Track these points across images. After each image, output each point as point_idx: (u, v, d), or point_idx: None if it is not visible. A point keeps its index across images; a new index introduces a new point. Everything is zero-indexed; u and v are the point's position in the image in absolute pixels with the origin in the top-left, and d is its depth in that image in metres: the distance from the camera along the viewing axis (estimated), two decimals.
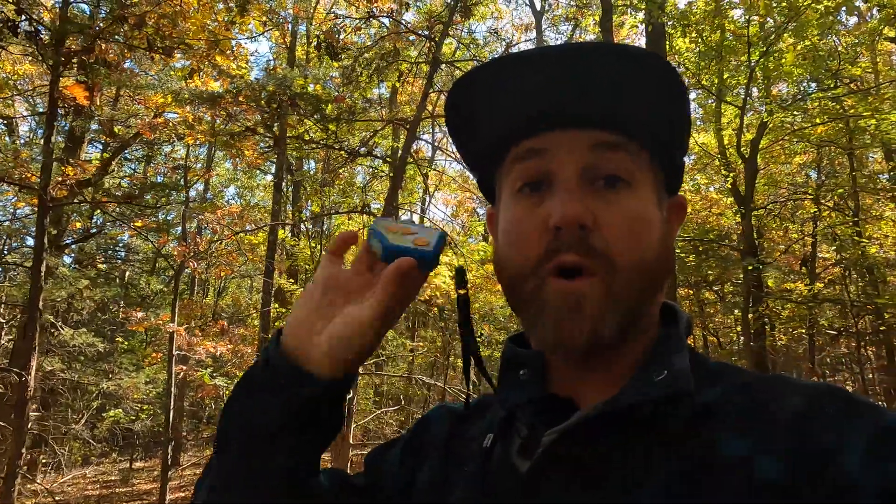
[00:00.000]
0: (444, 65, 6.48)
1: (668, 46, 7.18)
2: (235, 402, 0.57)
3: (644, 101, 0.56)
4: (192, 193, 15.43)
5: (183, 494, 12.04)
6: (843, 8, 7.49)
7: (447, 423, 0.68)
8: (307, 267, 11.39)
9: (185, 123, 8.91)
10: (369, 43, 7.01)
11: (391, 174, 6.06)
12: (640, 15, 6.89)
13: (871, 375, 12.04)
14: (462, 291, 0.63)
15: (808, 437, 0.47)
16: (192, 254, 10.02)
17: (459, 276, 0.63)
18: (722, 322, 12.41)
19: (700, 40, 7.51)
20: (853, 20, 10.95)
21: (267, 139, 6.77)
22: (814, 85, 9.33)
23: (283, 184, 12.65)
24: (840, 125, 8.37)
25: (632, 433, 0.51)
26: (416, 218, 16.12)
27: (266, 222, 11.31)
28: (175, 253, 10.84)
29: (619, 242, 0.54)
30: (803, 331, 10.73)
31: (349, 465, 5.24)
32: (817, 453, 0.46)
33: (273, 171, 16.81)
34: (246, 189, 19.60)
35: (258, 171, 17.22)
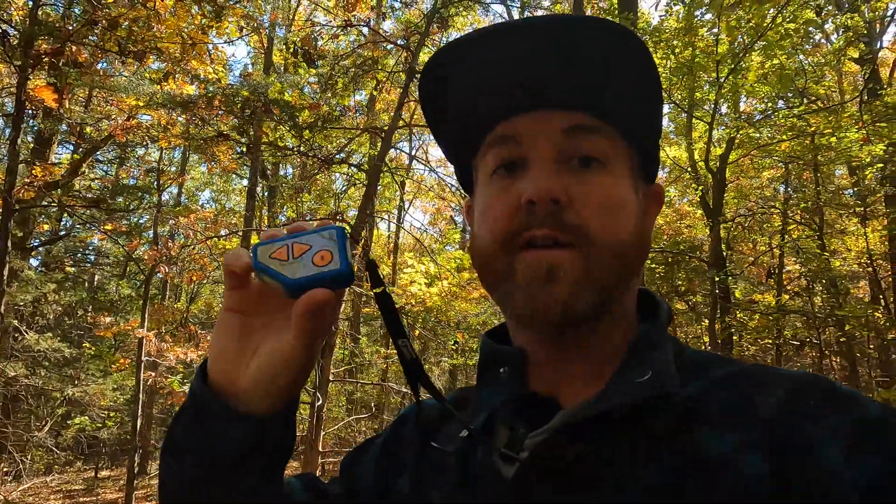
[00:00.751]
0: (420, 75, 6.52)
1: None
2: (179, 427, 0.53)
3: (628, 82, 0.55)
4: (166, 197, 15.22)
5: None
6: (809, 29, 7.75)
7: (423, 422, 0.65)
8: None
9: (159, 126, 8.81)
10: (347, 51, 7.03)
11: (367, 181, 6.07)
12: None
13: None
14: (378, 290, 0.57)
15: (792, 431, 0.46)
16: (163, 258, 9.88)
17: (371, 271, 0.58)
18: (691, 331, 12.63)
19: (672, 56, 7.69)
20: (818, 36, 11.28)
21: (242, 144, 6.72)
22: (781, 102, 9.61)
23: (259, 189, 12.56)
24: (806, 141, 8.63)
25: (618, 430, 0.50)
26: (392, 226, 16.10)
27: (240, 227, 11.21)
28: (146, 257, 10.66)
29: (595, 219, 0.53)
30: (770, 341, 10.97)
31: (320, 473, 5.22)
32: (800, 448, 0.45)
33: (249, 175, 16.69)
34: (221, 193, 19.40)
35: (234, 176, 17.08)
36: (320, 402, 4.86)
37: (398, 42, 6.81)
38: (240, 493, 0.50)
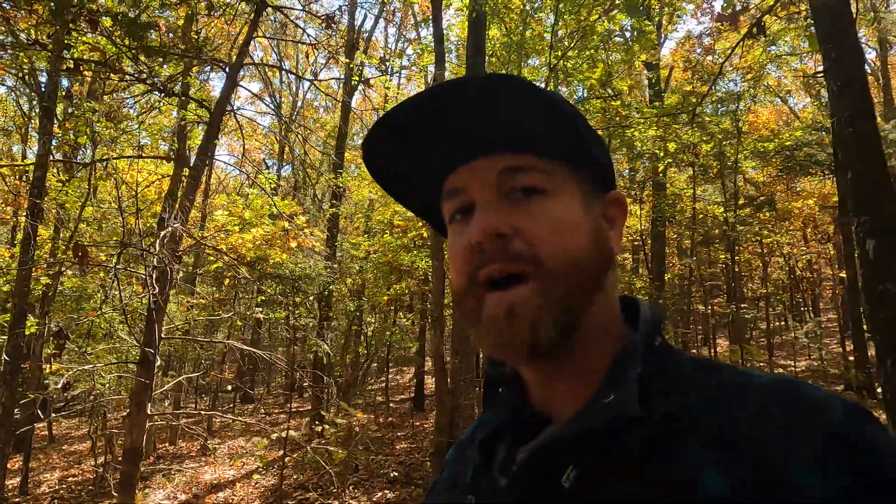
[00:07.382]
0: (270, 9, 5.99)
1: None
2: None
3: (540, 118, 0.58)
4: None
5: None
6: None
7: (455, 449, 0.73)
8: (70, 209, 9.70)
9: None
10: None
11: (207, 121, 5.45)
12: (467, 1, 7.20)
13: None
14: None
15: (756, 447, 0.47)
16: None
17: None
18: None
19: (509, 35, 8.17)
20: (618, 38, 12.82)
21: (66, 61, 5.48)
22: (584, 92, 10.77)
23: (28, 108, 10.37)
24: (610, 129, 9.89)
25: (594, 451, 0.52)
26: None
27: (19, 146, 9.23)
28: None
29: (543, 243, 0.55)
30: None
31: (145, 434, 4.77)
32: (765, 465, 0.45)
33: (10, 83, 13.66)
34: None
35: None
36: (159, 361, 4.40)
37: None
38: None
